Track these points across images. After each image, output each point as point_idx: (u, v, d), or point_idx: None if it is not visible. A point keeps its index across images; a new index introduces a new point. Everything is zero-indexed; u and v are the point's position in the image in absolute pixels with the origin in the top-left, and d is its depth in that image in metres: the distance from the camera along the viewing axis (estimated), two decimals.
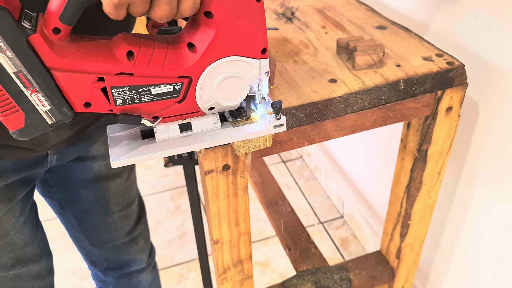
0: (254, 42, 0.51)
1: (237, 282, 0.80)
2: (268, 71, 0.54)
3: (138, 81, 0.49)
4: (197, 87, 0.52)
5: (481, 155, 0.88)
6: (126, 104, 0.50)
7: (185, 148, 0.57)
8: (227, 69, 0.51)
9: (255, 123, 0.59)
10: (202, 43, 0.49)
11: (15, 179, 0.68)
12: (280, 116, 0.58)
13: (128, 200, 0.89)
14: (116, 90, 0.49)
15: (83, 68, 0.46)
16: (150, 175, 1.91)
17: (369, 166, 1.38)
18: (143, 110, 0.52)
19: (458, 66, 0.69)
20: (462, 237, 1.00)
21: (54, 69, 0.45)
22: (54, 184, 0.82)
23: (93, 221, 0.87)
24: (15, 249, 0.72)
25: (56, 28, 0.44)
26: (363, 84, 0.66)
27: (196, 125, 0.57)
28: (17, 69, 0.44)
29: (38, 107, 0.47)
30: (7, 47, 0.42)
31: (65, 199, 0.85)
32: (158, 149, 0.56)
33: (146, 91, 0.50)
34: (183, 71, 0.50)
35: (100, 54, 0.47)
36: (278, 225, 1.20)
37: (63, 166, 0.78)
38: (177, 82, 0.50)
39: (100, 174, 0.82)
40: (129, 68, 0.48)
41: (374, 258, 1.03)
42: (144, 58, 0.48)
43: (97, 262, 0.96)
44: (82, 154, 0.78)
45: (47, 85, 0.46)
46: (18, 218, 0.71)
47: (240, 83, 0.53)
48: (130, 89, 0.49)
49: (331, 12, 0.88)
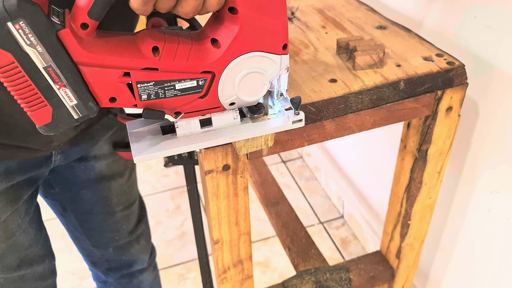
0: (276, 37, 0.51)
1: (237, 282, 0.80)
2: (288, 66, 0.54)
3: (163, 76, 0.50)
4: (219, 83, 0.52)
5: (481, 155, 0.88)
6: (150, 99, 0.51)
7: (206, 143, 0.57)
8: (249, 65, 0.52)
9: (274, 119, 0.60)
10: (226, 38, 0.49)
11: (20, 180, 0.68)
12: (298, 111, 0.59)
13: (129, 200, 0.89)
14: (141, 85, 0.49)
15: (110, 63, 0.47)
16: (150, 175, 1.90)
17: (369, 166, 1.38)
18: (167, 105, 0.52)
19: (458, 66, 0.69)
20: (462, 237, 1.00)
21: (81, 64, 0.46)
22: (55, 185, 0.82)
23: (95, 222, 0.87)
24: (20, 250, 0.72)
25: (84, 24, 0.44)
26: (363, 84, 0.66)
27: (216, 120, 0.57)
28: (47, 64, 0.44)
29: (65, 102, 0.47)
30: (38, 42, 0.43)
31: (67, 200, 0.84)
32: (180, 144, 0.57)
33: (171, 86, 0.51)
34: (207, 66, 0.50)
35: (126, 49, 0.48)
36: (278, 225, 1.20)
37: (65, 167, 0.78)
38: (201, 78, 0.51)
39: (102, 174, 0.82)
40: (154, 63, 0.48)
41: (374, 258, 1.03)
42: (169, 53, 0.49)
43: (98, 262, 0.96)
44: (84, 154, 0.78)
45: (74, 80, 0.46)
46: (23, 219, 0.71)
47: (261, 78, 0.53)
48: (155, 84, 0.50)
49: (331, 12, 0.88)
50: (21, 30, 0.41)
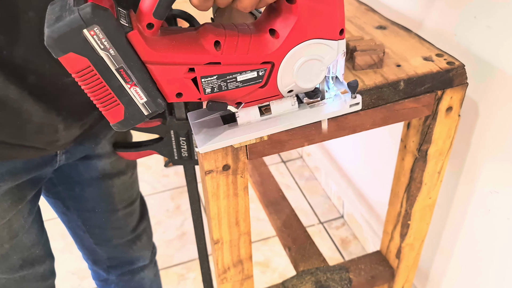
0: (333, 24, 0.51)
1: (237, 282, 0.80)
2: (344, 51, 0.55)
3: (226, 69, 0.51)
4: (279, 72, 0.53)
5: (481, 155, 0.88)
6: (214, 92, 0.52)
7: (267, 131, 0.59)
8: (307, 53, 0.52)
9: (330, 103, 0.60)
10: (284, 28, 0.50)
11: (25, 179, 0.68)
12: (355, 95, 0.59)
13: (131, 197, 0.89)
14: (205, 79, 0.51)
15: (175, 60, 0.48)
16: (150, 175, 1.90)
17: (369, 166, 1.38)
18: (229, 97, 0.54)
19: (458, 66, 0.69)
20: (462, 237, 1.00)
21: (149, 63, 0.47)
22: (58, 183, 0.82)
23: (97, 219, 0.87)
24: (23, 250, 0.72)
25: (150, 24, 0.46)
26: (363, 84, 0.66)
27: (275, 108, 0.59)
28: (119, 66, 0.46)
29: (136, 100, 0.49)
30: (111, 45, 0.44)
31: (70, 198, 0.85)
32: (241, 133, 0.59)
33: (233, 79, 0.52)
34: (267, 57, 0.51)
35: (190, 46, 0.49)
36: (278, 225, 1.20)
37: (69, 165, 0.78)
38: (261, 68, 0.52)
39: (105, 172, 0.82)
40: (217, 57, 0.49)
41: (374, 258, 1.03)
42: (230, 46, 0.50)
43: (100, 260, 0.96)
44: (88, 153, 0.78)
45: (143, 79, 0.48)
46: (26, 219, 0.71)
47: (319, 65, 0.54)
48: (218, 77, 0.51)
49: None
50: (96, 35, 0.43)
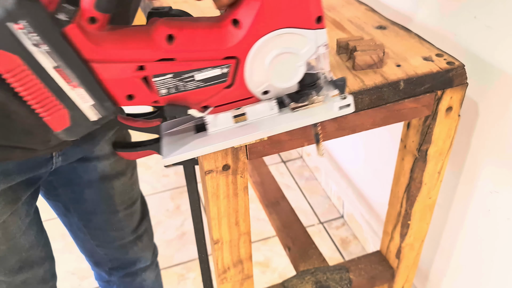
0: (306, 10, 0.45)
1: (237, 282, 0.80)
2: (327, 43, 0.47)
3: (181, 66, 0.45)
4: (246, 68, 0.47)
5: (481, 155, 0.88)
6: (171, 93, 0.47)
7: (239, 140, 0.52)
8: (278, 45, 0.46)
9: (318, 106, 0.53)
10: (247, 17, 0.44)
11: (19, 181, 0.68)
12: (345, 95, 0.52)
13: (132, 198, 0.89)
14: (158, 78, 0.45)
15: (122, 57, 0.44)
16: (150, 175, 1.90)
17: (369, 166, 1.38)
18: (191, 99, 0.48)
19: (458, 66, 0.69)
20: (462, 237, 1.00)
21: (93, 61, 0.43)
22: (58, 186, 0.82)
23: (98, 221, 0.87)
24: (21, 252, 0.72)
25: (92, 18, 0.42)
26: (363, 84, 0.66)
27: (251, 113, 0.52)
28: (56, 64, 0.42)
29: (80, 103, 0.45)
30: (43, 40, 0.40)
31: (70, 200, 0.84)
32: (210, 142, 0.52)
33: (191, 77, 0.46)
34: (229, 51, 0.45)
35: (139, 41, 0.44)
36: (278, 225, 1.20)
37: (67, 167, 0.78)
38: (224, 64, 0.46)
39: (105, 174, 0.82)
40: (170, 52, 0.44)
41: (374, 258, 1.03)
42: (186, 40, 0.44)
43: (102, 262, 0.96)
44: (86, 154, 0.78)
45: (87, 79, 0.44)
46: (23, 221, 0.71)
47: (294, 59, 0.47)
48: (174, 76, 0.46)
49: (331, 12, 0.88)
50: (25, 29, 0.39)
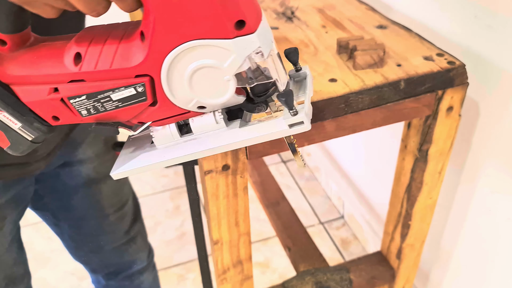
0: (219, 16, 0.36)
1: (237, 282, 0.80)
2: (261, 50, 0.39)
3: (92, 88, 0.41)
4: (164, 86, 0.41)
5: (482, 155, 0.88)
6: (91, 114, 0.43)
7: (182, 158, 0.47)
8: (192, 59, 0.39)
9: (272, 120, 0.47)
10: (148, 29, 0.38)
11: (6, 199, 0.66)
12: (295, 110, 0.43)
13: (121, 200, 0.88)
14: (74, 100, 0.42)
15: (34, 79, 0.41)
16: (149, 175, 1.90)
17: (369, 166, 1.38)
18: (119, 117, 0.44)
19: (459, 65, 0.69)
20: (463, 237, 1.00)
21: (11, 84, 0.41)
22: (44, 195, 0.80)
23: (89, 227, 0.85)
24: (6, 269, 0.71)
25: (1, 40, 0.40)
26: (363, 83, 0.66)
27: (196, 126, 0.47)
28: None
29: (11, 125, 0.43)
30: None
31: (58, 209, 0.83)
32: (154, 158, 0.48)
33: (107, 98, 0.42)
34: (138, 68, 0.40)
35: (51, 61, 0.40)
36: (278, 225, 1.20)
37: (50, 175, 0.76)
38: (137, 84, 0.41)
39: (90, 178, 0.80)
40: (77, 74, 0.40)
41: (374, 259, 1.03)
42: (91, 59, 0.40)
43: (98, 269, 0.95)
44: (68, 159, 0.76)
45: (9, 102, 0.41)
46: (7, 238, 0.70)
47: (219, 73, 0.40)
48: (88, 97, 0.41)
49: (331, 11, 0.88)
50: None
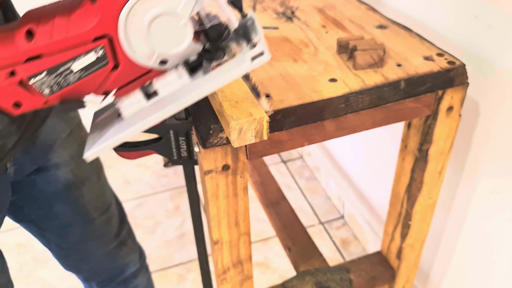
0: None
1: (237, 282, 0.80)
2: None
3: (51, 61, 0.41)
4: (123, 44, 0.42)
5: (482, 155, 0.88)
6: (55, 92, 0.43)
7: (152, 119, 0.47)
8: (146, 10, 0.41)
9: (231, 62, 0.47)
10: None
11: None
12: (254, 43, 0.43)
13: (105, 203, 0.84)
14: (35, 79, 0.42)
15: None
16: (149, 175, 1.90)
17: (369, 166, 1.38)
18: (83, 90, 0.44)
19: (459, 65, 0.69)
20: (463, 237, 1.00)
21: None
22: (23, 205, 0.76)
23: (76, 234, 0.82)
24: None
25: None
26: (363, 83, 0.66)
27: (160, 87, 0.47)
28: None
29: None
30: None
31: (40, 218, 0.79)
32: (124, 128, 0.47)
33: (68, 70, 0.42)
34: (94, 30, 0.41)
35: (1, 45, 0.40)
36: (278, 225, 1.20)
37: (26, 182, 0.73)
38: (96, 47, 0.41)
39: (69, 182, 0.76)
40: (33, 50, 0.40)
41: (374, 259, 1.03)
42: (45, 32, 0.40)
43: (90, 277, 0.93)
44: (42, 163, 0.73)
45: None
46: None
47: (175, 20, 0.42)
48: (48, 73, 0.42)
49: (331, 11, 0.88)
50: None
